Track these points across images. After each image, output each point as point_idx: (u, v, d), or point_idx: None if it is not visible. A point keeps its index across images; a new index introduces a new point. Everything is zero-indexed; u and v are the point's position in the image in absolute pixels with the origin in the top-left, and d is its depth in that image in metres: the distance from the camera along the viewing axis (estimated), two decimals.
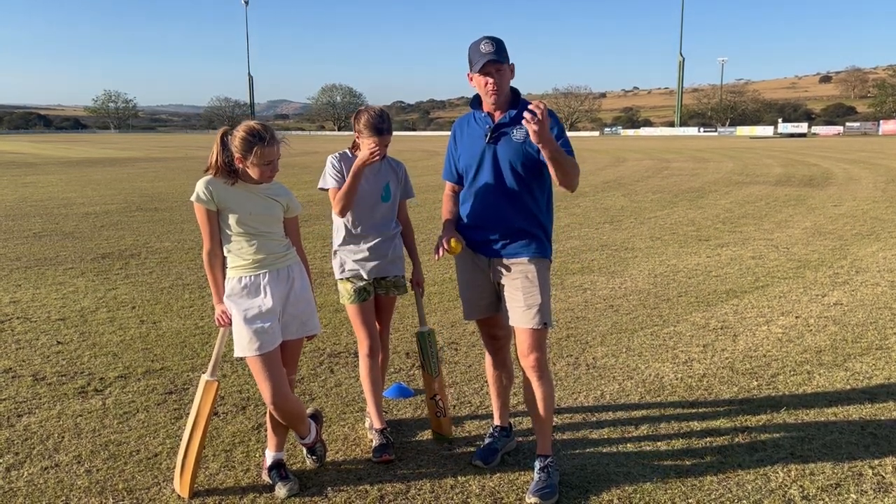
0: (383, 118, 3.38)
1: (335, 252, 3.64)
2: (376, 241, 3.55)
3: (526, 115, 2.72)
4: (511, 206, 3.12)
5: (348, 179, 3.38)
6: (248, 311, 2.98)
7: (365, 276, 3.57)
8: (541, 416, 3.18)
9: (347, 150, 3.57)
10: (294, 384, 3.43)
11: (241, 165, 2.94)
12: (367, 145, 3.36)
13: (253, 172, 2.95)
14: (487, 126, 3.14)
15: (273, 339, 2.99)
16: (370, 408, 3.61)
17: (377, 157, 3.34)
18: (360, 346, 3.61)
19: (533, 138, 2.77)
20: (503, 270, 3.18)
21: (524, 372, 3.19)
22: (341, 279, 3.61)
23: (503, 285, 3.19)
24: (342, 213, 3.49)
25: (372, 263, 3.56)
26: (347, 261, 3.58)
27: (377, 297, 3.67)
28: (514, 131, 3.10)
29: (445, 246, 3.15)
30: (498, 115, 3.14)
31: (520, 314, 3.11)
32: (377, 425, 3.57)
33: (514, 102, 3.15)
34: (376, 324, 3.65)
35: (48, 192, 16.81)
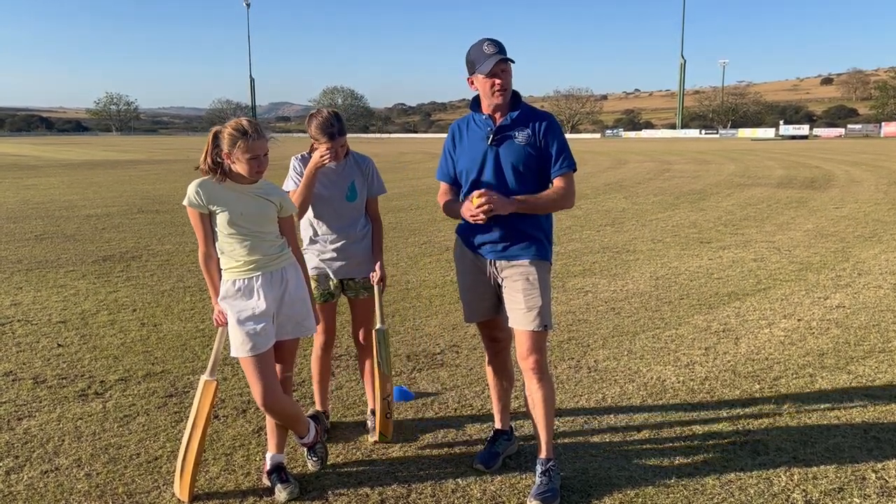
0: (332, 122, 3.40)
1: (304, 251, 3.64)
2: (342, 242, 3.56)
3: (481, 209, 2.95)
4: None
5: (301, 183, 3.44)
6: (241, 312, 3.00)
7: (332, 277, 3.57)
8: (542, 418, 3.16)
9: (306, 153, 3.60)
10: (292, 384, 3.44)
11: (228, 161, 2.96)
12: (318, 150, 3.40)
13: (240, 168, 2.96)
14: (489, 128, 3.13)
15: (265, 341, 3.00)
16: (315, 393, 3.87)
17: (327, 160, 3.39)
18: (315, 337, 3.71)
19: (488, 216, 2.97)
20: (504, 272, 3.17)
21: (524, 374, 3.17)
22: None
23: (504, 287, 3.19)
24: (299, 216, 3.54)
25: (338, 264, 3.59)
26: (314, 259, 3.60)
27: (349, 300, 3.69)
28: (517, 133, 3.09)
29: (476, 203, 3.00)
30: (499, 117, 3.13)
31: (520, 316, 3.10)
32: (317, 406, 3.86)
33: (515, 104, 3.15)
34: (334, 322, 3.74)
35: (50, 195, 16.82)
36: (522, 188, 3.11)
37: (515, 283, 3.13)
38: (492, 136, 3.11)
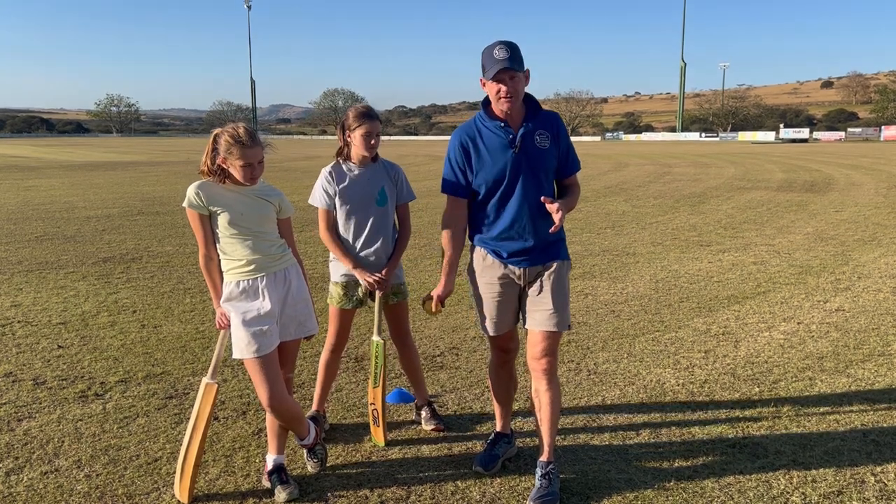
0: (369, 108, 3.53)
1: (332, 259, 3.66)
2: (372, 248, 3.57)
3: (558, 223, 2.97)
4: (545, 214, 3.07)
5: (341, 257, 3.55)
6: (246, 313, 3.00)
7: (362, 284, 3.58)
8: (547, 421, 3.15)
9: (340, 161, 3.60)
10: (293, 385, 3.44)
11: (224, 165, 3.00)
12: (357, 134, 3.47)
13: (234, 173, 3.00)
14: (510, 136, 3.06)
15: (271, 342, 3.01)
16: (316, 393, 3.85)
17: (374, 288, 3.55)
18: (327, 339, 3.74)
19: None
20: (535, 276, 3.16)
21: (534, 375, 3.16)
22: (335, 282, 3.65)
23: (532, 290, 3.17)
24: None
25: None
26: (342, 267, 3.60)
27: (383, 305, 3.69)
28: (539, 138, 3.07)
29: (440, 307, 3.26)
30: (516, 124, 3.08)
31: (544, 317, 3.10)
32: (314, 407, 3.83)
33: (533, 109, 3.11)
34: (349, 327, 3.76)
35: (50, 196, 16.83)
36: (548, 192, 3.14)
37: (546, 284, 3.12)
38: (518, 144, 3.05)
